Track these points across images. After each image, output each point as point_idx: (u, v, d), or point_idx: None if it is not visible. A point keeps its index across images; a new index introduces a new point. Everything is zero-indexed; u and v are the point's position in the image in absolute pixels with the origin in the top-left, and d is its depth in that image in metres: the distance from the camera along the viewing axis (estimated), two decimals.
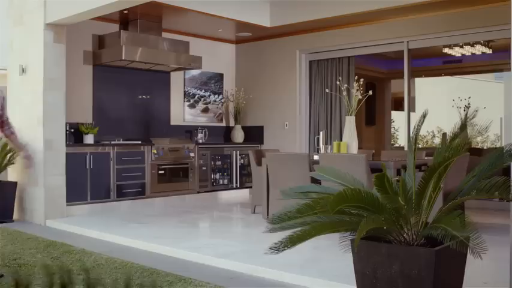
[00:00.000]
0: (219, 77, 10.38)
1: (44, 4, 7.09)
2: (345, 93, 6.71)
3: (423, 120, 3.33)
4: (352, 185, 3.27)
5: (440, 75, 13.15)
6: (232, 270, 4.61)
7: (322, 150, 6.87)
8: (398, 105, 10.51)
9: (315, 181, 5.04)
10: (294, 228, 2.96)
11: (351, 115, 6.63)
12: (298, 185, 3.44)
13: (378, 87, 12.31)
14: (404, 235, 2.99)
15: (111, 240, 5.98)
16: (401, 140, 10.90)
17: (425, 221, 3.01)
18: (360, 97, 6.57)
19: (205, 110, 10.18)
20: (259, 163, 7.21)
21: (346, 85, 6.81)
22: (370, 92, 6.65)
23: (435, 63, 11.76)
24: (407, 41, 8.50)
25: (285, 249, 2.84)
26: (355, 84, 6.58)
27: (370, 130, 12.56)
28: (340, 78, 7.64)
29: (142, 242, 5.65)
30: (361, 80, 6.65)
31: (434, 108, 11.15)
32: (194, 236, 6.18)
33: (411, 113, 8.70)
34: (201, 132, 9.71)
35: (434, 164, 2.74)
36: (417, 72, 11.86)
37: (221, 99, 10.44)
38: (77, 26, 7.62)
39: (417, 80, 12.30)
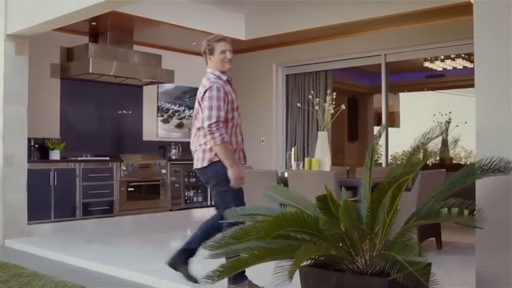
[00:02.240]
0: (193, 91, 10.09)
1: (4, 14, 6.79)
2: (317, 107, 6.44)
3: (381, 136, 3.09)
4: (304, 207, 3.00)
5: (423, 89, 12.97)
6: None
7: (293, 167, 6.58)
8: (381, 120, 10.30)
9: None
10: (235, 254, 2.69)
11: (323, 130, 6.35)
12: (247, 207, 3.17)
13: (360, 102, 12.11)
14: (357, 263, 2.71)
15: (69, 262, 5.64)
16: (385, 156, 10.65)
17: (380, 248, 2.73)
18: (332, 111, 6.31)
19: (180, 125, 9.89)
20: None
21: (318, 99, 6.55)
22: (343, 107, 6.39)
23: (418, 77, 11.58)
24: (385, 54, 8.29)
25: (221, 279, 2.55)
26: (328, 98, 6.32)
27: (353, 146, 12.33)
28: (312, 92, 7.39)
29: (100, 264, 5.31)
30: (334, 93, 6.41)
31: (418, 123, 10.96)
32: (156, 258, 5.80)
33: (395, 129, 8.47)
34: (175, 148, 9.40)
35: (384, 184, 2.46)
36: (400, 86, 11.67)
37: None
38: (44, 38, 7.31)
39: (402, 95, 12.11)
